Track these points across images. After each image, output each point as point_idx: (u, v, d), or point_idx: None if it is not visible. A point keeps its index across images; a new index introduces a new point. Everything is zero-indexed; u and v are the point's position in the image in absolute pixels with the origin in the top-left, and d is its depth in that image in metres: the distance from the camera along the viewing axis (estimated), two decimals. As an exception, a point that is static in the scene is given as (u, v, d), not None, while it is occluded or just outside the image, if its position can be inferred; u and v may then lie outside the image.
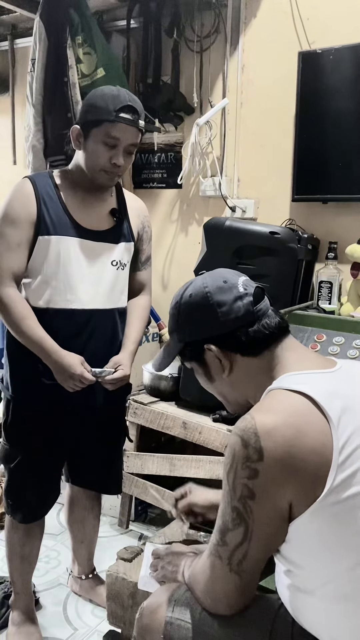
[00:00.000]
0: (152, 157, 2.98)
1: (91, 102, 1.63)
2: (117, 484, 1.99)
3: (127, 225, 1.78)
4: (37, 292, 1.65)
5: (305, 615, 1.02)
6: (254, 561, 0.98)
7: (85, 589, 2.09)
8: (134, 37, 2.83)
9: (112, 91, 1.61)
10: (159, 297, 2.97)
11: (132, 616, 1.34)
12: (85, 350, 1.68)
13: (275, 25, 2.50)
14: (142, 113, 1.63)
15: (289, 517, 0.94)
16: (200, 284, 1.13)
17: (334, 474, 0.91)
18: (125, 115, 1.58)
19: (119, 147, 1.61)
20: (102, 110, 1.58)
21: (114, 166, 1.62)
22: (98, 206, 1.72)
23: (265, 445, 0.92)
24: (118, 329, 1.79)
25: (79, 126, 1.64)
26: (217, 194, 2.69)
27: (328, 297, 2.24)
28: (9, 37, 3.30)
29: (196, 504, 1.39)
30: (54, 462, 1.81)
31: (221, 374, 1.12)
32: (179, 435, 2.29)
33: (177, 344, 1.18)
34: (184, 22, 2.70)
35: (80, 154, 1.67)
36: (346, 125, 2.29)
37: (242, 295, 1.09)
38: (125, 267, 1.77)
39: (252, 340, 1.08)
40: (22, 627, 1.84)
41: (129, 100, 1.59)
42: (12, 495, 1.77)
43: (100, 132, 1.59)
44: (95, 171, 1.64)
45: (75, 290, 1.66)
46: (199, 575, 1.08)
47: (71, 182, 1.70)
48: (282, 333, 1.11)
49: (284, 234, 2.13)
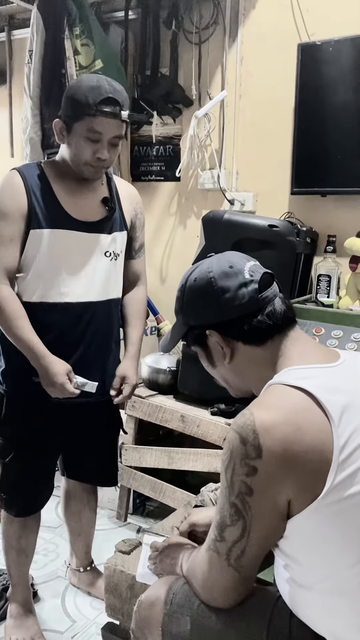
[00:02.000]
0: (151, 149, 2.97)
1: (71, 95, 1.58)
2: (113, 476, 1.99)
3: (119, 213, 1.75)
4: (31, 287, 1.63)
5: (303, 609, 1.02)
6: (252, 557, 0.98)
7: (83, 582, 2.09)
8: (132, 28, 2.82)
9: (92, 82, 1.56)
10: (157, 290, 2.96)
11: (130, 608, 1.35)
12: (82, 343, 1.68)
13: (275, 17, 2.49)
14: (124, 103, 1.58)
15: (287, 514, 0.94)
16: (205, 267, 1.10)
17: (335, 473, 0.90)
18: (106, 109, 1.53)
19: (102, 140, 1.57)
20: (82, 104, 1.53)
21: (99, 160, 1.59)
22: (89, 196, 1.69)
23: (264, 442, 0.90)
24: (114, 320, 1.78)
25: (62, 120, 1.60)
26: (216, 187, 2.68)
27: (327, 290, 2.24)
28: (6, 28, 3.27)
29: (197, 524, 1.35)
30: (49, 456, 1.81)
31: (223, 360, 1.10)
32: (177, 429, 2.30)
33: (181, 326, 1.16)
34: (183, 13, 2.68)
35: (64, 148, 1.64)
36: (345, 118, 2.28)
37: (247, 282, 1.06)
38: (119, 257, 1.75)
39: (255, 329, 1.05)
40: (20, 619, 1.85)
41: (110, 91, 1.54)
42: (7, 490, 1.76)
43: (82, 126, 1.55)
44: (80, 165, 1.61)
45: (69, 284, 1.64)
46: (197, 569, 1.08)
47: (60, 173, 1.66)
48: (288, 323, 1.08)
49: (282, 227, 2.12)
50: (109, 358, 1.79)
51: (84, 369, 1.69)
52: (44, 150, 2.71)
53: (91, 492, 2.03)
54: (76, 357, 1.68)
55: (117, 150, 1.64)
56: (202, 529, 1.33)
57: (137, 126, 2.95)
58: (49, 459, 1.82)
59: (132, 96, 2.88)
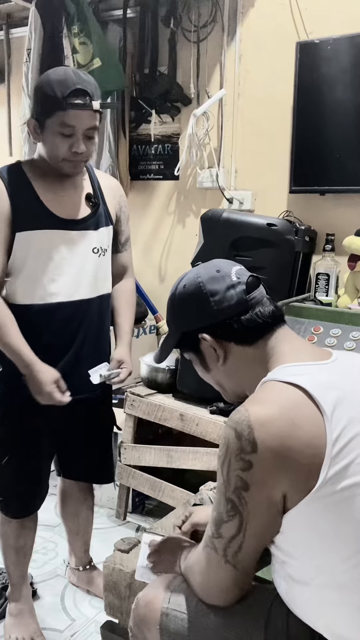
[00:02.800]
0: (149, 148, 2.96)
1: (39, 91, 1.55)
2: (109, 473, 1.99)
3: (104, 208, 1.73)
4: (21, 289, 1.61)
5: (300, 606, 1.02)
6: (249, 552, 0.98)
7: (82, 580, 2.09)
8: (130, 26, 2.81)
9: (59, 76, 1.52)
10: (156, 289, 2.97)
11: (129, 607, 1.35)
12: (75, 341, 1.68)
13: (273, 15, 2.48)
14: (95, 92, 1.54)
15: (283, 508, 0.94)
16: (193, 274, 1.14)
17: (328, 466, 0.91)
18: (77, 100, 1.49)
19: (76, 134, 1.53)
20: (51, 99, 1.49)
21: (76, 154, 1.55)
22: (72, 193, 1.66)
23: (259, 437, 0.92)
24: (105, 316, 1.78)
25: (34, 118, 1.56)
26: (215, 186, 2.68)
27: (325, 289, 2.24)
28: (4, 26, 3.27)
29: (199, 523, 1.36)
30: (44, 456, 1.81)
31: (216, 363, 1.12)
32: (176, 427, 2.30)
33: (174, 334, 1.19)
34: (181, 11, 2.68)
35: (40, 146, 1.61)
36: (344, 116, 2.28)
37: (234, 284, 1.09)
38: (106, 252, 1.74)
39: (245, 328, 1.08)
40: (20, 618, 1.85)
41: (77, 82, 1.50)
42: (3, 492, 1.75)
43: (54, 122, 1.52)
44: (58, 162, 1.58)
45: (59, 284, 1.63)
46: (194, 567, 1.08)
47: (40, 171, 1.63)
48: (277, 322, 1.10)
49: (281, 226, 2.12)
50: (101, 354, 1.79)
51: (77, 366, 1.70)
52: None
53: (88, 490, 2.03)
54: (69, 356, 1.69)
55: (93, 142, 1.60)
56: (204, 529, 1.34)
57: (135, 125, 2.95)
58: (45, 459, 1.82)
59: (130, 95, 2.89)
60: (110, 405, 1.93)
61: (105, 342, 1.83)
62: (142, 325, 2.82)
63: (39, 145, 1.62)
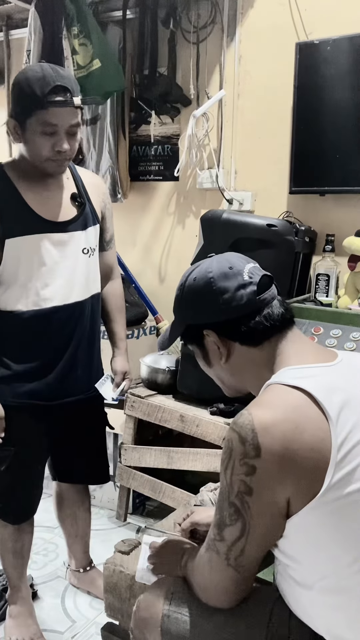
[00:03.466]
0: (149, 149, 2.96)
1: (17, 90, 1.51)
2: (104, 472, 1.98)
3: (90, 207, 1.71)
4: (14, 296, 1.60)
5: (303, 609, 1.02)
6: (251, 556, 0.98)
7: (83, 582, 2.09)
8: (130, 28, 2.81)
9: (36, 73, 1.48)
10: (156, 289, 2.96)
11: (129, 608, 1.35)
12: (71, 343, 1.68)
13: (273, 16, 2.48)
14: (75, 88, 1.50)
15: (286, 513, 0.94)
16: (205, 268, 1.10)
17: (333, 471, 0.90)
18: (57, 98, 1.45)
19: (59, 132, 1.50)
20: (30, 98, 1.46)
21: (59, 153, 1.52)
22: (57, 193, 1.64)
23: (263, 441, 0.91)
24: (97, 315, 1.78)
25: (13, 118, 1.53)
26: (214, 187, 2.68)
27: (325, 289, 2.24)
28: (3, 28, 3.27)
29: (199, 523, 1.36)
30: (41, 460, 1.81)
31: (219, 360, 1.11)
32: (176, 429, 2.30)
33: (179, 324, 1.17)
34: (181, 12, 2.67)
35: (21, 146, 1.57)
36: (344, 117, 2.28)
37: (246, 283, 1.06)
38: (94, 251, 1.73)
39: (251, 330, 1.06)
40: (20, 619, 1.85)
41: (57, 78, 1.46)
42: (2, 498, 1.74)
43: (35, 121, 1.48)
44: (41, 162, 1.54)
45: (53, 288, 1.62)
46: (196, 569, 1.08)
47: (23, 173, 1.59)
48: (285, 325, 1.08)
49: (281, 227, 2.12)
50: (94, 354, 1.80)
51: (73, 368, 1.70)
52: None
53: (84, 492, 2.03)
54: (66, 359, 1.69)
55: (76, 139, 1.56)
56: (204, 529, 1.34)
57: (135, 126, 2.94)
58: (41, 463, 1.82)
59: (130, 95, 2.88)
60: (102, 405, 1.92)
61: (98, 342, 1.83)
62: (142, 326, 2.82)
63: (20, 145, 1.58)
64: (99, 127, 2.87)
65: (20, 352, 1.64)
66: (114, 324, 1.84)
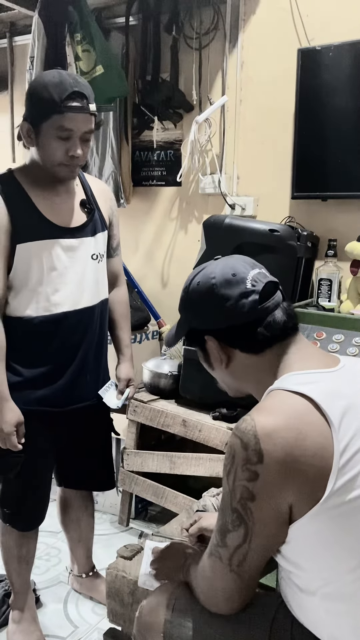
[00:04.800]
0: (152, 154, 2.97)
1: (34, 94, 1.52)
2: (110, 479, 1.98)
3: (98, 214, 1.72)
4: (24, 301, 1.60)
5: (307, 615, 1.02)
6: (253, 562, 0.98)
7: (85, 587, 2.09)
8: (132, 34, 2.83)
9: (54, 78, 1.50)
10: (158, 294, 2.97)
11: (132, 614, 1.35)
12: (81, 348, 1.69)
13: (275, 22, 2.49)
14: (90, 95, 1.53)
15: (289, 519, 0.94)
16: (209, 273, 1.09)
17: (335, 478, 0.90)
18: (74, 103, 1.48)
19: (73, 137, 1.52)
20: (48, 102, 1.48)
21: (72, 158, 1.54)
22: (67, 200, 1.65)
23: (265, 447, 0.91)
24: (105, 321, 1.79)
25: (28, 122, 1.54)
26: (217, 192, 2.69)
27: (328, 294, 2.24)
28: (7, 34, 3.29)
29: (207, 529, 1.35)
30: (48, 467, 1.81)
31: (220, 364, 1.11)
32: (178, 433, 2.29)
33: (183, 325, 1.17)
34: (183, 19, 2.69)
35: (34, 151, 1.58)
36: (346, 123, 2.28)
37: (248, 292, 1.05)
38: (103, 257, 1.75)
39: (252, 339, 1.06)
40: (23, 625, 1.84)
41: (74, 85, 1.49)
42: (12, 506, 1.74)
43: (51, 125, 1.50)
44: (54, 166, 1.56)
45: (63, 293, 1.62)
46: (199, 575, 1.08)
47: (34, 178, 1.61)
48: (287, 334, 1.07)
49: (283, 232, 2.12)
50: (102, 360, 1.81)
51: (82, 374, 1.70)
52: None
53: (88, 497, 2.03)
54: (75, 364, 1.69)
55: (89, 145, 1.59)
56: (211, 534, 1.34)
57: (137, 131, 2.96)
58: (49, 470, 1.82)
59: (133, 101, 2.90)
60: (108, 412, 1.93)
61: (106, 348, 1.83)
62: (145, 331, 2.82)
63: (32, 150, 1.60)
64: (101, 132, 2.88)
65: (30, 358, 1.64)
66: (119, 331, 1.84)
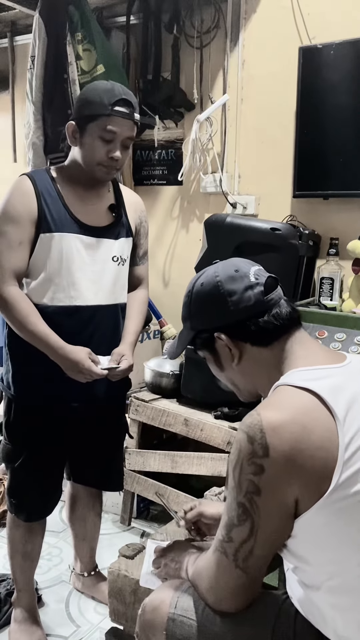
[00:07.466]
0: (153, 153, 2.97)
1: (86, 97, 1.64)
2: (119, 480, 1.99)
3: (125, 220, 1.78)
4: (40, 290, 1.64)
5: (312, 611, 1.02)
6: (259, 557, 0.98)
7: (87, 586, 2.09)
8: (133, 33, 2.83)
9: (105, 85, 1.63)
10: (159, 293, 2.97)
11: (134, 613, 1.35)
12: (89, 346, 1.68)
13: (276, 21, 2.49)
14: (136, 106, 1.64)
15: (294, 512, 0.94)
16: (212, 273, 1.13)
17: (340, 471, 0.91)
18: (121, 109, 1.59)
19: (115, 141, 1.61)
20: (97, 105, 1.59)
21: (112, 160, 1.62)
22: (97, 202, 1.72)
23: (271, 441, 0.92)
24: (119, 325, 1.79)
25: (74, 122, 1.63)
26: (218, 191, 2.69)
27: (329, 293, 2.24)
28: (8, 34, 3.29)
29: (204, 514, 1.36)
30: (56, 460, 1.81)
31: (231, 362, 1.12)
32: (180, 433, 2.29)
33: (189, 332, 1.18)
34: (184, 17, 2.69)
35: (76, 150, 1.67)
36: (347, 121, 2.28)
37: (253, 284, 1.09)
38: (125, 262, 1.78)
39: (262, 330, 1.08)
40: (25, 624, 1.84)
41: (124, 93, 1.60)
42: (16, 495, 1.76)
43: (97, 126, 1.59)
44: (93, 165, 1.64)
45: (78, 287, 1.66)
46: (203, 572, 1.08)
47: (69, 178, 1.69)
48: (293, 324, 1.10)
49: (285, 230, 2.12)
50: None
51: None
52: (47, 155, 2.71)
53: (96, 496, 2.03)
54: None
55: (127, 153, 1.68)
56: (208, 521, 1.36)
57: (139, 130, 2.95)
58: (57, 463, 1.82)
59: (134, 100, 2.90)
60: (124, 414, 1.94)
61: None
62: (146, 330, 2.82)
63: (73, 149, 1.68)
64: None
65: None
66: (129, 320, 1.83)
